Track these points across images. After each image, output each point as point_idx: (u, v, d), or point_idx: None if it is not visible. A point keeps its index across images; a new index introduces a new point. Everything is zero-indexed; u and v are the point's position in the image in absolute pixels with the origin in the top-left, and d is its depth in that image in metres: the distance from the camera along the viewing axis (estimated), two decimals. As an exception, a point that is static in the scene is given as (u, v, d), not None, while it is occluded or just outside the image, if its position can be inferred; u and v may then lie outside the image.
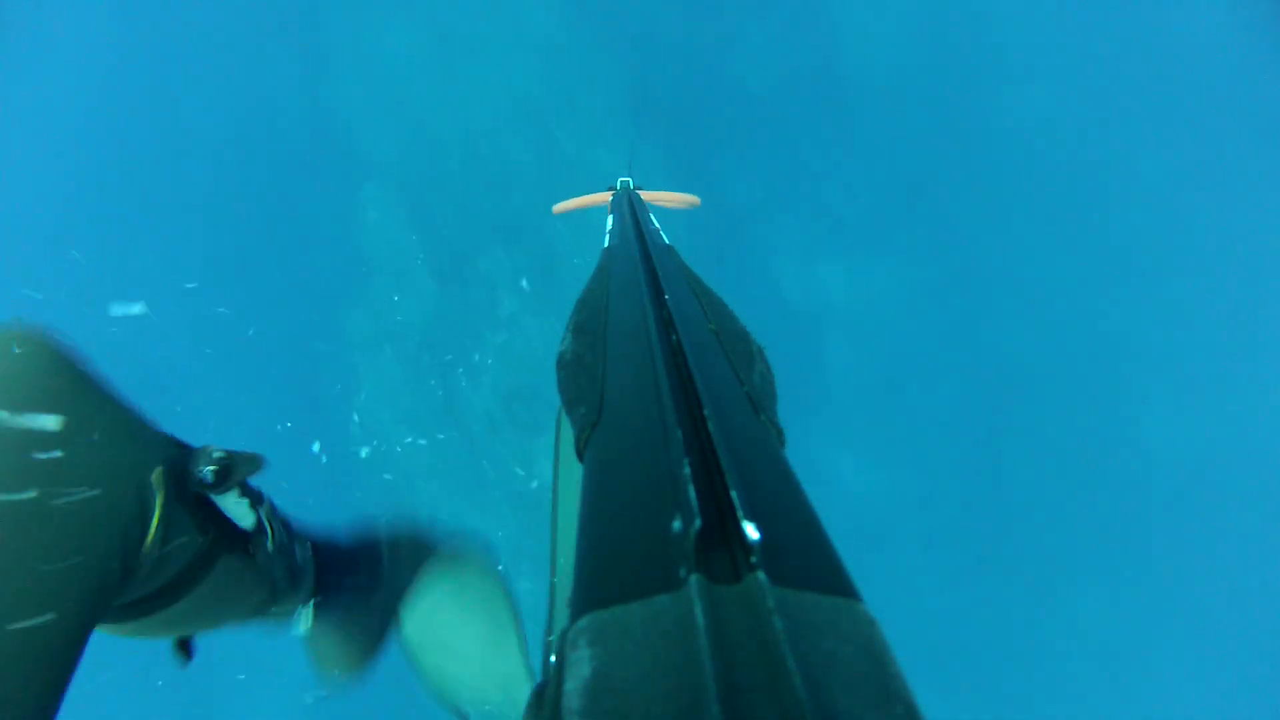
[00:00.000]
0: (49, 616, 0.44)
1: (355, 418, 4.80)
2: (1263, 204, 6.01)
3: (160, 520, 0.54)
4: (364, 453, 4.69)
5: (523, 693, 1.33)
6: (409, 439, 4.90)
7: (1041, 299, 5.94)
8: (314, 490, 4.53)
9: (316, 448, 4.67)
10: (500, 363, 5.01)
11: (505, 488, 4.80)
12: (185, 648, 0.74)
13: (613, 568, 0.30)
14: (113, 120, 5.23)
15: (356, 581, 0.99)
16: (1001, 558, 5.86)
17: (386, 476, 4.67)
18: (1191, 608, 5.86)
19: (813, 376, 5.59)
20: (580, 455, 0.46)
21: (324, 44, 5.57)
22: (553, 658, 0.27)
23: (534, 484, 4.87)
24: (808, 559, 0.30)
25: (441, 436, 4.95)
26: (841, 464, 5.56)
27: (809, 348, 5.53)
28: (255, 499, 0.69)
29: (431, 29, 5.61)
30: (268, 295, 4.95)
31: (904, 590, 5.46)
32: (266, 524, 0.70)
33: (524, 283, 5.16)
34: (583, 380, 0.54)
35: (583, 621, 0.26)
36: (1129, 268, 6.04)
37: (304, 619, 0.91)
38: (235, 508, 0.65)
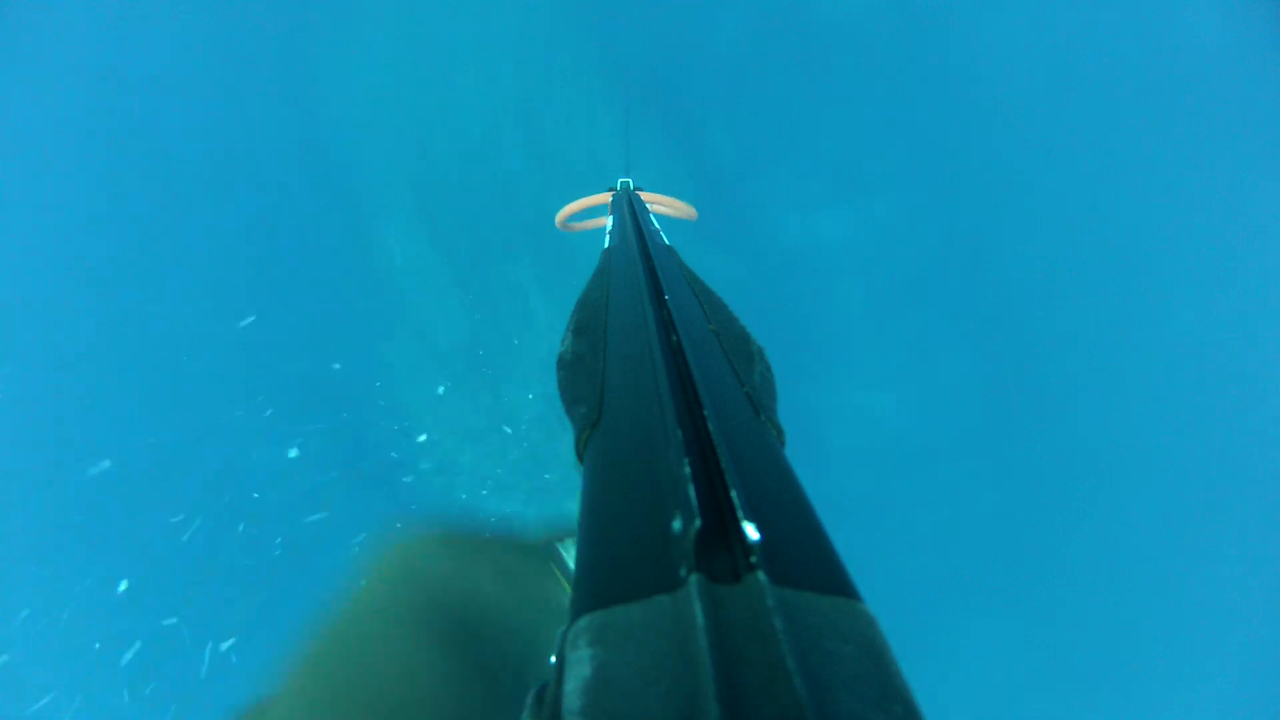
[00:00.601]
0: None
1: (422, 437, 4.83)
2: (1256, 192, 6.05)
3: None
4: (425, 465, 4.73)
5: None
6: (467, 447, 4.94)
7: (1043, 221, 5.98)
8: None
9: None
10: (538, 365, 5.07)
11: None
12: None
13: (612, 567, 0.30)
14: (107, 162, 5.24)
15: None
16: (1012, 474, 5.91)
17: (463, 496, 4.70)
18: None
19: (826, 317, 5.66)
20: (580, 455, 0.46)
21: (315, 74, 5.60)
22: (552, 658, 0.27)
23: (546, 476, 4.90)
24: (808, 559, 0.30)
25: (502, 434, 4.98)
26: (855, 397, 5.61)
27: (819, 291, 5.59)
28: None
29: (411, 52, 5.66)
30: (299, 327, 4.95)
31: (918, 510, 5.51)
32: None
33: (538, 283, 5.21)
34: (582, 380, 0.54)
35: (583, 621, 0.26)
36: (1126, 186, 6.10)
37: None
38: None
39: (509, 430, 4.87)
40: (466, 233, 5.38)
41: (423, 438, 4.80)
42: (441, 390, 5.03)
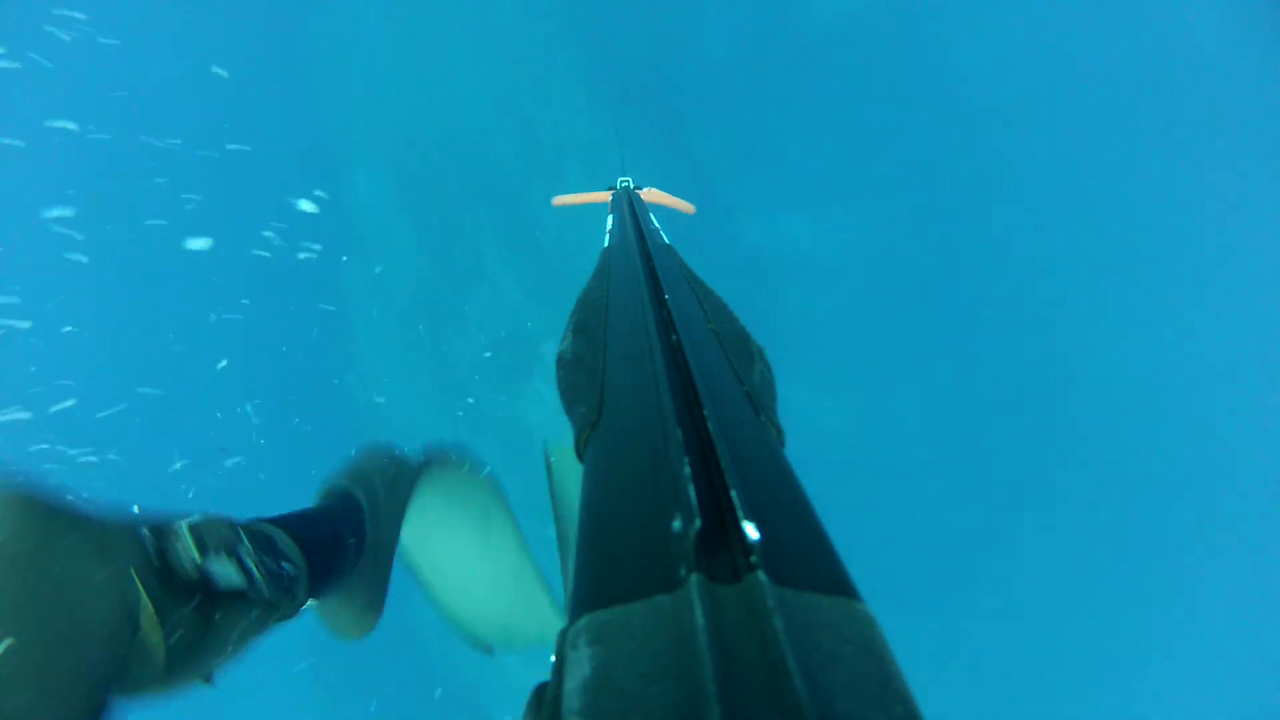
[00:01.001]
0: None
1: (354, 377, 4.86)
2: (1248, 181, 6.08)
3: (151, 617, 0.58)
4: (380, 400, 4.77)
5: (539, 599, 1.35)
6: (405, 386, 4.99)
7: (994, 237, 6.04)
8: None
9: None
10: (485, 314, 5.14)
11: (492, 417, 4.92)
12: (207, 678, 0.77)
13: (613, 567, 0.30)
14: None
15: (343, 547, 0.99)
16: (958, 476, 5.94)
17: (379, 400, 4.70)
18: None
19: (778, 318, 5.71)
20: (580, 455, 0.45)
21: (312, 41, 5.61)
22: (553, 657, 0.27)
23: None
24: (808, 559, 0.30)
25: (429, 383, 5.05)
26: (802, 398, 5.66)
27: (774, 292, 5.66)
28: (233, 546, 0.70)
29: (408, 22, 5.70)
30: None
31: (870, 513, 5.56)
32: (254, 569, 0.72)
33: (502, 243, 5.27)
34: (583, 380, 0.54)
35: (583, 621, 0.26)
36: (1083, 209, 6.14)
37: (309, 609, 0.92)
38: (224, 576, 0.67)
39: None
40: (434, 187, 5.45)
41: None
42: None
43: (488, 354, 4.93)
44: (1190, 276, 5.96)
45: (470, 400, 4.98)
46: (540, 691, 0.30)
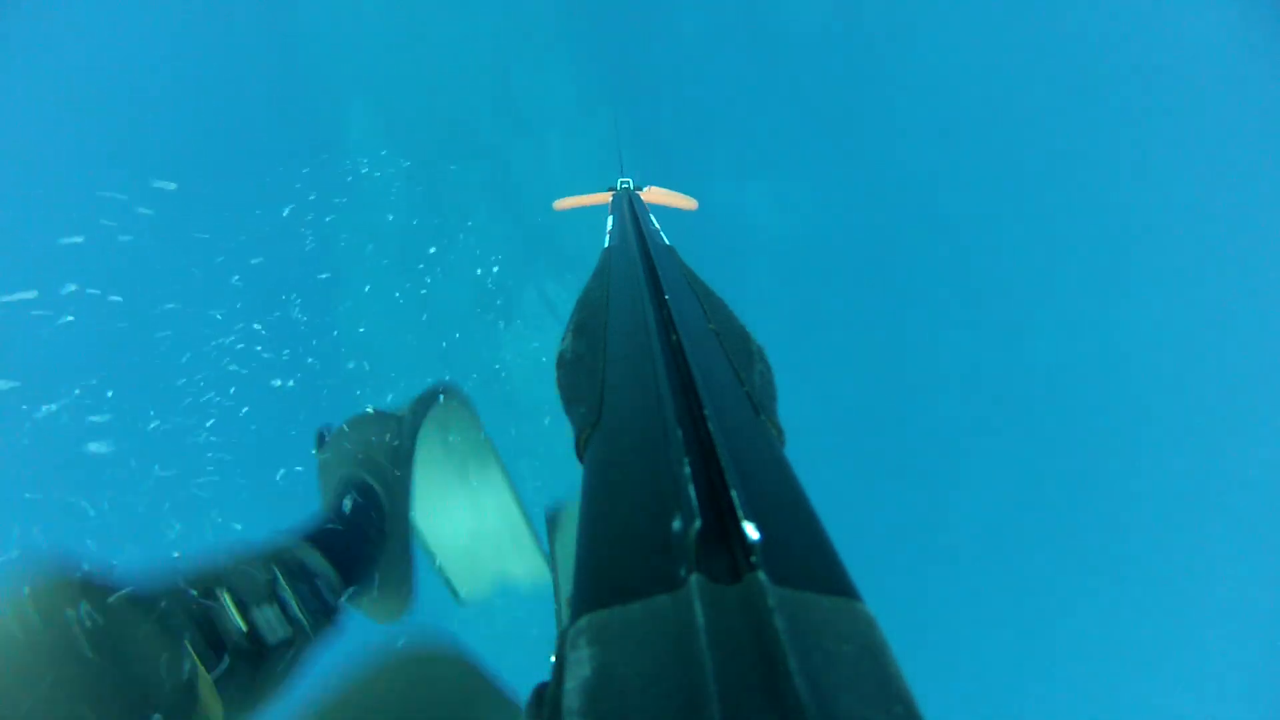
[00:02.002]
0: None
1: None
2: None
3: (211, 684, 0.60)
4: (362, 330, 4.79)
5: (531, 551, 1.34)
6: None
7: (950, 217, 6.14)
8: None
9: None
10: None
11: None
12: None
13: (613, 567, 0.30)
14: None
15: (369, 544, 1.00)
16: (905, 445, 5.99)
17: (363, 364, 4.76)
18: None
19: (736, 287, 5.80)
20: (580, 455, 0.45)
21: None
22: (552, 657, 0.27)
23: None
24: (808, 559, 0.30)
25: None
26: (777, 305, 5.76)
27: (734, 262, 5.76)
28: (272, 594, 0.73)
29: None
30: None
31: (835, 481, 5.63)
32: (298, 612, 0.74)
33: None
34: (583, 380, 0.54)
35: (583, 621, 0.26)
36: (1041, 193, 6.24)
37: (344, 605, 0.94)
38: (268, 630, 0.70)
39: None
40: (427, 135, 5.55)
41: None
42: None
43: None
44: (1188, 250, 6.01)
45: (456, 335, 5.04)
46: (540, 691, 0.30)
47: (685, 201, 2.18)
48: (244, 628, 0.66)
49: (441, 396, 1.23)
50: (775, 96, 6.07)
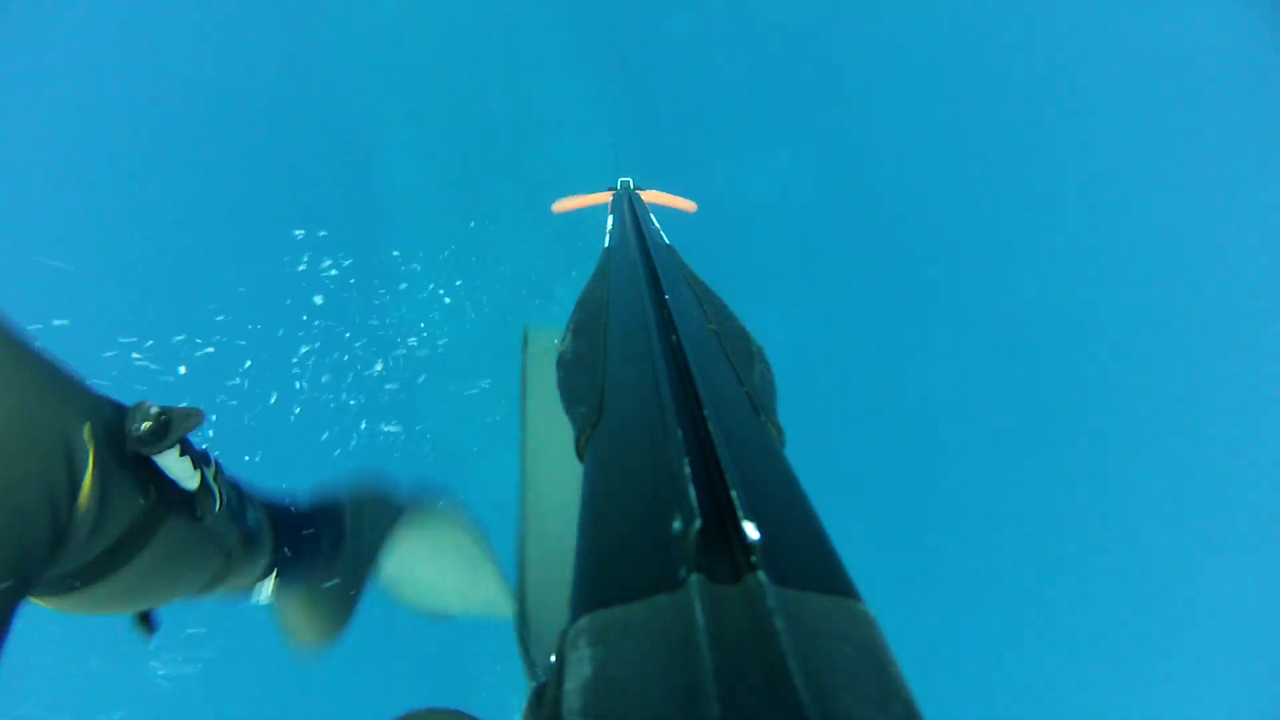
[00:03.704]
0: None
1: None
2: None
3: (94, 480, 0.51)
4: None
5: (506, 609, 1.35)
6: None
7: (948, 191, 6.24)
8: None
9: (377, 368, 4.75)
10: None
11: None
12: (146, 621, 0.71)
13: (613, 567, 0.30)
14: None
15: (318, 548, 0.95)
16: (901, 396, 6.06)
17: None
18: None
19: (744, 257, 5.85)
20: (580, 455, 0.46)
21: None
22: (553, 657, 0.27)
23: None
24: (808, 559, 0.30)
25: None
26: (769, 321, 5.84)
27: (740, 232, 5.88)
28: (199, 459, 0.65)
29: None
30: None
31: (825, 433, 5.70)
32: (213, 486, 0.67)
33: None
34: (583, 380, 0.54)
35: (583, 621, 0.26)
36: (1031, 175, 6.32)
37: (265, 590, 0.88)
38: (177, 468, 0.62)
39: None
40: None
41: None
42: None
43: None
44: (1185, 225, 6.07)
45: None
46: (540, 691, 0.30)
47: (684, 204, 2.19)
48: (148, 437, 0.56)
49: (443, 506, 1.24)
50: (774, 76, 6.16)
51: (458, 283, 4.98)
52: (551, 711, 0.23)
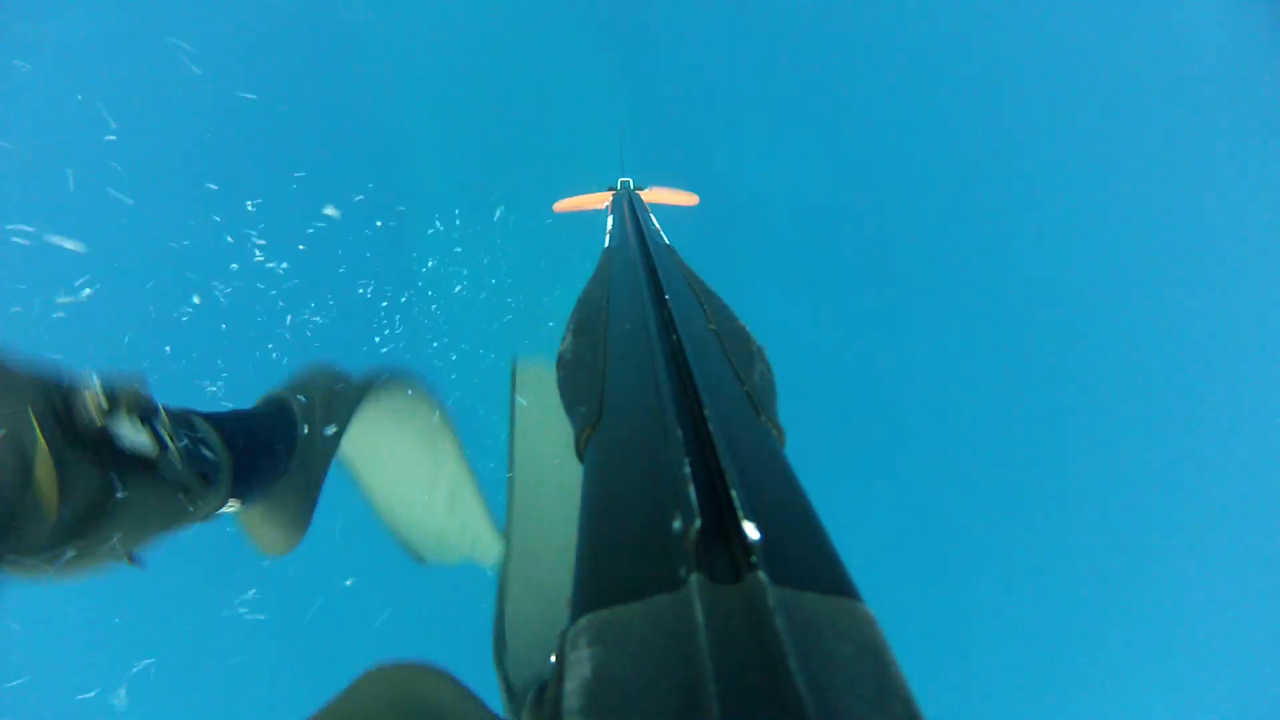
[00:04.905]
0: None
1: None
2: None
3: (48, 461, 0.53)
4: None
5: (480, 524, 1.35)
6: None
7: (951, 174, 6.23)
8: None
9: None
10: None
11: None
12: (130, 556, 0.73)
13: (613, 567, 0.30)
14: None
15: (275, 459, 0.95)
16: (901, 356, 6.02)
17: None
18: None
19: (755, 238, 5.96)
20: (580, 455, 0.46)
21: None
22: (552, 658, 0.27)
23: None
24: (808, 558, 0.30)
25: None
26: (774, 303, 5.73)
27: (740, 231, 5.91)
28: (147, 413, 0.66)
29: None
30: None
31: (826, 400, 5.71)
32: (167, 439, 0.68)
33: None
34: (582, 380, 0.54)
35: (583, 621, 0.26)
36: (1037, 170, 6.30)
37: (229, 512, 0.89)
38: (131, 436, 0.63)
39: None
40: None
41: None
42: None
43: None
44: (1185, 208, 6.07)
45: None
46: (541, 691, 0.30)
47: (686, 198, 2.19)
48: (104, 410, 0.58)
49: (402, 381, 1.22)
50: (779, 72, 6.18)
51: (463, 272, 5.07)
52: (551, 711, 0.23)
